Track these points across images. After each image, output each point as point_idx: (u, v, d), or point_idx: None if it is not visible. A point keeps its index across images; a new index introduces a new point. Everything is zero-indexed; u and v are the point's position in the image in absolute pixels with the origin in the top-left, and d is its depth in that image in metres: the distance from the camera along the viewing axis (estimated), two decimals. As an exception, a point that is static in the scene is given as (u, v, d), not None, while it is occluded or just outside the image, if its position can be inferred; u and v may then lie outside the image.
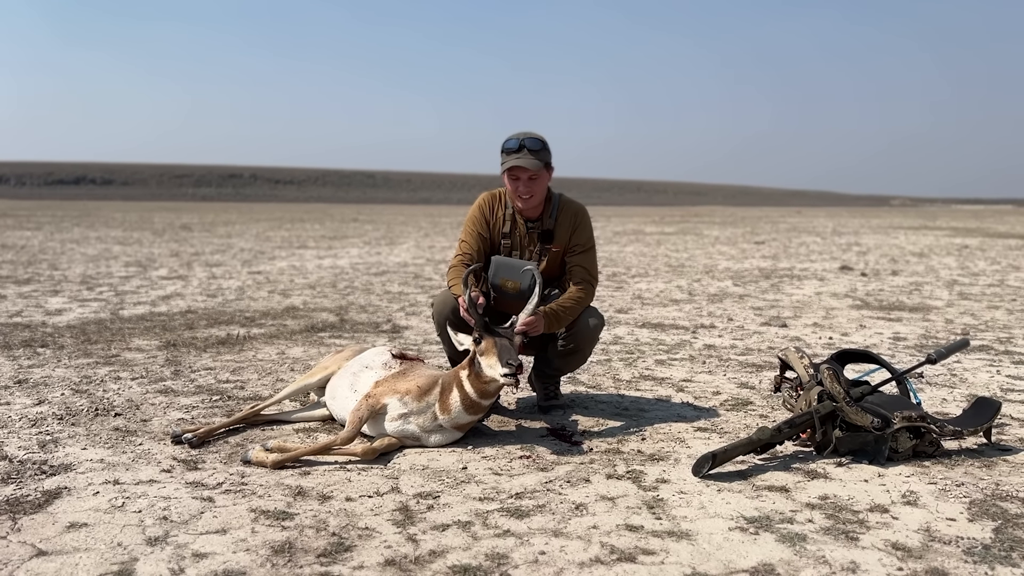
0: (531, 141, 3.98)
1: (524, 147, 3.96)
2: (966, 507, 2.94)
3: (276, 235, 21.17)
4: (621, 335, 6.55)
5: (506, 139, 4.05)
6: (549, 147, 4.05)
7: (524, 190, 4.01)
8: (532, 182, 4.00)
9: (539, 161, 3.96)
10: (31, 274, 10.64)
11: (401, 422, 3.56)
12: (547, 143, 4.05)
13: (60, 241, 17.44)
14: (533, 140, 3.99)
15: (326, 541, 2.62)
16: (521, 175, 3.98)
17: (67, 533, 2.66)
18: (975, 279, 11.21)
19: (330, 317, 7.33)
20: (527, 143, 3.97)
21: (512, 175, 4.00)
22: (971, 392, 4.67)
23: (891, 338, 6.51)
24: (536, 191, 4.03)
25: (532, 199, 4.04)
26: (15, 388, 4.54)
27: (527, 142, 3.97)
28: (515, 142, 3.99)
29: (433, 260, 13.93)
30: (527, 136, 4.00)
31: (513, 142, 4.00)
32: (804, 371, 3.84)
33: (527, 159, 3.94)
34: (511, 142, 4.00)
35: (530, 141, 3.98)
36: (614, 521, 2.80)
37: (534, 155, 3.96)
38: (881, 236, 23.07)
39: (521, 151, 3.96)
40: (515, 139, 4.00)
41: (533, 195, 4.03)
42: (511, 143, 4.00)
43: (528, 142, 3.97)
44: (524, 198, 4.02)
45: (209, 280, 10.32)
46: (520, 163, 3.93)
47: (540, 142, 4.01)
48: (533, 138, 4.00)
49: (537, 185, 4.02)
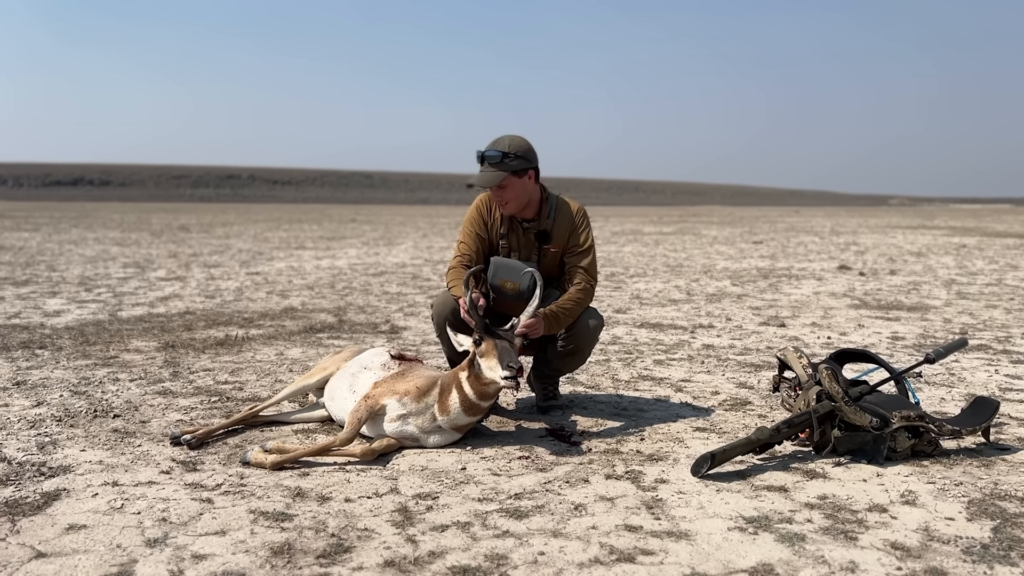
0: (491, 153, 3.91)
1: (484, 160, 3.93)
2: (965, 506, 2.95)
3: (274, 236, 21.16)
4: (619, 335, 6.55)
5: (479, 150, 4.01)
6: (523, 152, 3.93)
7: (498, 198, 4.01)
8: (501, 191, 3.96)
9: (498, 173, 3.88)
10: (29, 275, 10.63)
11: (400, 423, 3.56)
12: (517, 150, 3.91)
13: (58, 242, 17.42)
14: (493, 152, 3.91)
15: (325, 542, 2.62)
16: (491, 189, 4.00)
17: (66, 535, 2.66)
18: (973, 278, 11.23)
19: (328, 318, 7.33)
20: (488, 155, 3.91)
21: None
22: (969, 391, 4.68)
23: (889, 337, 6.52)
24: (508, 198, 3.98)
25: (507, 206, 4.02)
26: (13, 390, 4.54)
27: (488, 153, 3.92)
28: (479, 153, 3.95)
29: (431, 261, 13.93)
30: (490, 147, 3.93)
31: (479, 153, 3.96)
32: (802, 371, 3.85)
33: (484, 176, 3.91)
34: (479, 152, 3.96)
35: (490, 153, 3.91)
36: (613, 521, 2.80)
37: (494, 167, 3.90)
38: (879, 235, 23.09)
39: (482, 164, 3.95)
40: (480, 151, 3.95)
41: (506, 203, 4.00)
42: (478, 153, 3.96)
43: (489, 154, 3.91)
44: (500, 205, 4.03)
45: (207, 281, 10.31)
46: (475, 182, 3.94)
47: (500, 153, 3.90)
48: (494, 150, 3.91)
49: (508, 193, 3.96)
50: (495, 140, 3.97)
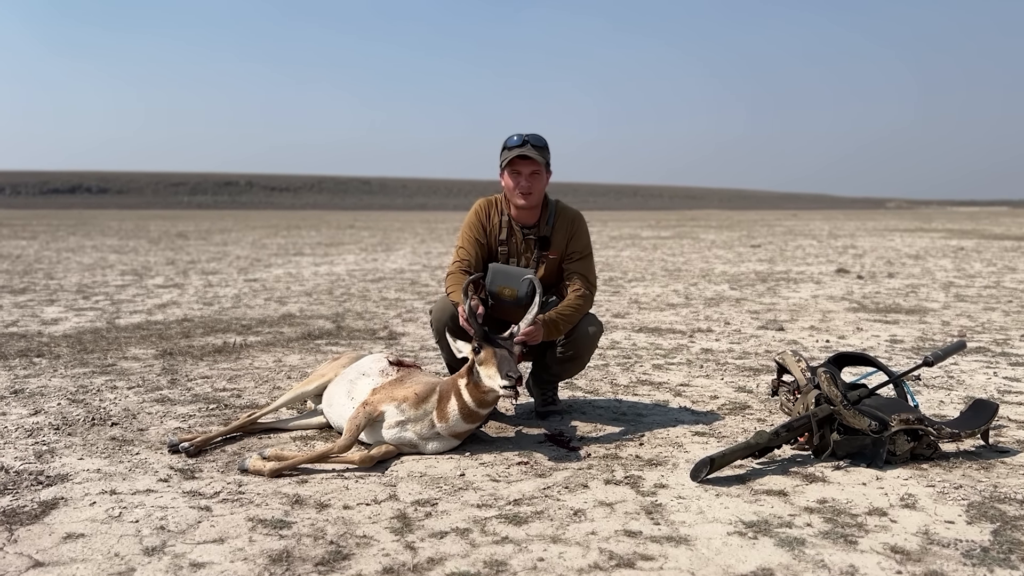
0: (534, 137, 4.02)
1: (527, 142, 3.98)
2: (964, 509, 2.94)
3: (272, 242, 21.16)
4: (618, 340, 6.55)
5: (508, 137, 4.06)
6: (550, 150, 4.08)
7: (525, 185, 4.00)
8: (533, 177, 4.00)
9: (541, 157, 3.99)
10: (27, 283, 10.62)
11: (398, 429, 3.55)
12: (548, 145, 4.07)
13: (56, 250, 17.41)
14: (536, 136, 4.03)
15: (324, 549, 2.61)
16: (523, 169, 3.98)
17: (64, 544, 2.65)
18: (971, 281, 11.24)
19: (327, 324, 7.32)
20: (531, 139, 4.00)
21: (513, 169, 4.00)
22: (968, 394, 4.68)
23: (888, 341, 6.52)
24: (536, 188, 4.03)
25: (532, 196, 4.03)
26: (11, 398, 4.53)
27: (531, 138, 4.00)
28: (518, 138, 4.00)
29: (430, 266, 13.92)
30: (530, 133, 4.03)
31: (516, 139, 4.01)
32: (801, 375, 3.84)
33: (531, 151, 3.96)
34: (513, 139, 4.01)
35: (533, 137, 4.01)
36: (612, 527, 2.79)
37: (537, 150, 3.98)
38: (877, 238, 23.12)
39: (524, 146, 3.97)
40: (518, 136, 4.01)
41: (533, 192, 4.02)
42: (513, 140, 4.01)
43: (532, 138, 4.01)
44: (524, 195, 4.02)
45: (205, 288, 10.30)
46: (524, 152, 3.94)
47: (543, 140, 4.04)
48: (536, 135, 4.03)
49: (537, 183, 4.02)
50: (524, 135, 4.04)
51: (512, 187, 4.03)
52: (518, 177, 4.00)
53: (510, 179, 4.03)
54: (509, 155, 3.99)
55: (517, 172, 4.00)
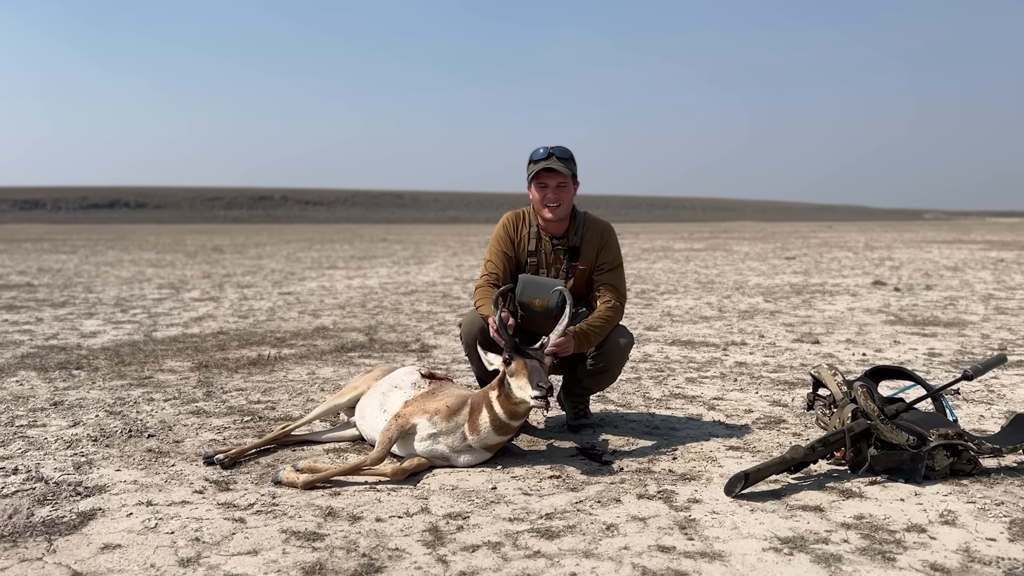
0: (560, 149, 4.04)
1: (553, 155, 4.01)
2: (1006, 526, 2.88)
3: (306, 256, 21.36)
4: (651, 352, 6.51)
5: (534, 151, 4.08)
6: (576, 161, 4.10)
7: (552, 197, 4.02)
8: (560, 190, 4.02)
9: (567, 169, 4.01)
10: (67, 297, 10.82)
11: (430, 442, 3.56)
12: (574, 156, 4.10)
13: (95, 264, 17.72)
14: (562, 149, 4.06)
15: (356, 562, 2.62)
16: (549, 181, 4.00)
17: (101, 554, 2.68)
18: (1012, 293, 11.03)
19: (359, 337, 7.37)
20: (556, 151, 4.03)
21: (540, 182, 4.02)
22: (1009, 408, 4.59)
23: (926, 354, 6.42)
24: (564, 199, 4.04)
25: (560, 208, 4.04)
26: (51, 410, 4.61)
27: (556, 150, 4.03)
28: (543, 151, 4.04)
29: (461, 279, 13.97)
30: (556, 145, 4.05)
31: (541, 151, 4.04)
32: (837, 388, 3.80)
33: (555, 162, 3.98)
34: (539, 152, 4.05)
35: (559, 149, 4.04)
36: (646, 542, 2.77)
37: (563, 162, 4.00)
38: (914, 250, 22.80)
39: (550, 158, 4.00)
40: (544, 149, 4.05)
41: (561, 203, 4.03)
42: (539, 153, 4.04)
43: (557, 150, 4.03)
44: (552, 206, 4.03)
45: (240, 301, 10.43)
46: (550, 165, 3.97)
47: (568, 152, 4.07)
48: (562, 147, 4.06)
49: (565, 194, 4.04)
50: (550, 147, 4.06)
51: (539, 200, 4.05)
52: (545, 190, 4.02)
53: (537, 192, 4.05)
54: (535, 168, 4.01)
55: (544, 185, 4.01)
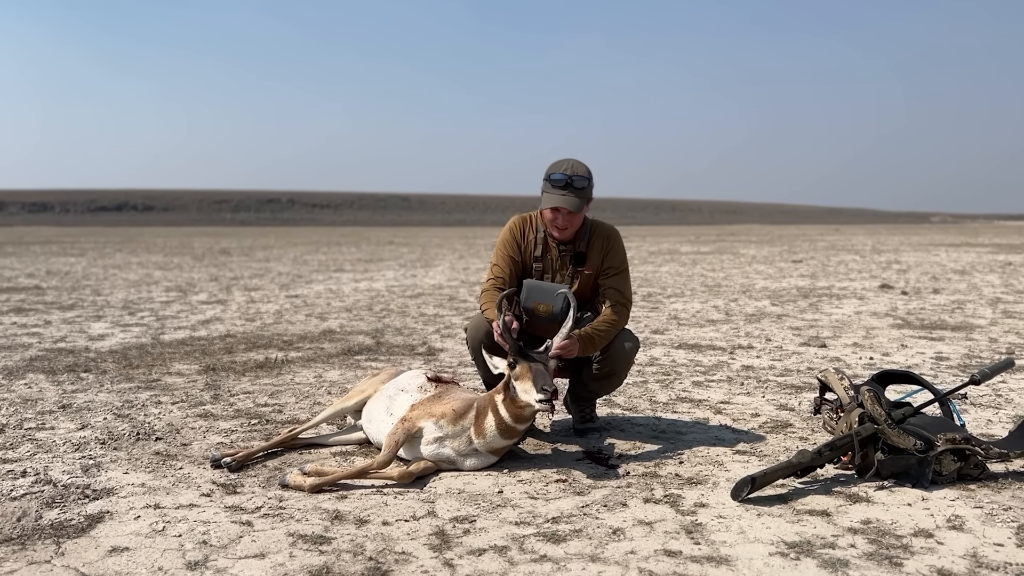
0: (579, 179, 3.91)
1: (571, 184, 3.91)
2: (1014, 532, 2.87)
3: (313, 259, 21.40)
4: (657, 356, 6.51)
5: (553, 168, 3.98)
6: (593, 179, 4.00)
7: (562, 223, 3.99)
8: (571, 216, 3.99)
9: (581, 200, 3.93)
10: (75, 300, 10.86)
11: (437, 445, 3.57)
12: (592, 176, 3.99)
13: (103, 267, 17.79)
14: (580, 178, 3.92)
15: (363, 565, 2.62)
16: (561, 211, 3.98)
17: (109, 557, 2.69)
18: (1020, 296, 10.99)
19: (366, 340, 7.38)
20: (575, 181, 3.90)
21: (553, 206, 3.97)
22: (1017, 413, 4.57)
23: (933, 358, 6.40)
24: (573, 225, 4.02)
25: (567, 232, 4.03)
26: (59, 413, 4.63)
27: (575, 180, 3.90)
28: (563, 177, 3.91)
29: (468, 282, 13.98)
30: (576, 173, 3.92)
31: (560, 176, 3.92)
32: (844, 393, 3.79)
33: (570, 200, 3.89)
34: (558, 175, 3.92)
35: (578, 179, 3.91)
36: (652, 546, 2.77)
37: (578, 193, 3.91)
38: (921, 253, 22.72)
39: (567, 189, 3.90)
40: (563, 173, 3.92)
41: (569, 228, 4.02)
42: (558, 176, 3.92)
43: (576, 180, 3.91)
44: (561, 230, 4.02)
45: (248, 304, 10.45)
46: (562, 204, 3.88)
47: (586, 179, 3.95)
48: (581, 176, 3.93)
49: (575, 220, 4.01)
50: (568, 164, 3.96)
51: (550, 219, 4.02)
52: (556, 213, 3.97)
53: (548, 213, 4.00)
54: (550, 198, 3.91)
55: (556, 209, 3.96)
